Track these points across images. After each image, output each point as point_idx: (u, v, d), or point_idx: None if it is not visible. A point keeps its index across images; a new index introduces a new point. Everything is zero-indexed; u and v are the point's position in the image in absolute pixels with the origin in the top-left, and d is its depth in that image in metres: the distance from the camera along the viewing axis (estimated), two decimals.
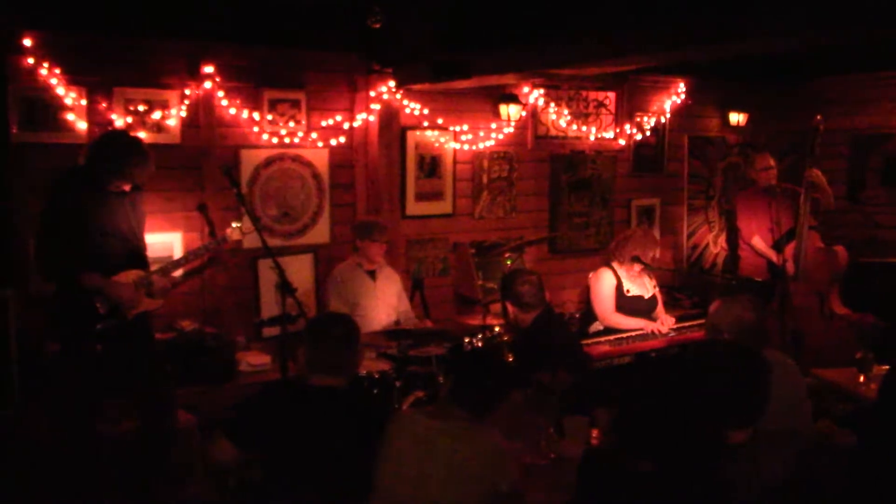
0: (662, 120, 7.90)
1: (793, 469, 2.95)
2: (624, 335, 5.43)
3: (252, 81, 5.88)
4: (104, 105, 5.29)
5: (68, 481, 4.46)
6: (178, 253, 5.57)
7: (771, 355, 3.12)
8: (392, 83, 6.25)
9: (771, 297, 6.31)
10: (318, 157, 6.24)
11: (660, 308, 5.77)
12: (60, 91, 5.12)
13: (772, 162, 6.65)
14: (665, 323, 5.57)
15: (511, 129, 7.02)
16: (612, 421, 2.94)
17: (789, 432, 2.94)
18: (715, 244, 8.55)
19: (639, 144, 7.83)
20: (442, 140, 6.74)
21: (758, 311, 3.52)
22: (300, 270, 6.14)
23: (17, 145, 5.00)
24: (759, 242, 6.62)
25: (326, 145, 6.22)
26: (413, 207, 6.69)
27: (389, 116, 6.38)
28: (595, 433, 3.38)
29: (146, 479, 4.58)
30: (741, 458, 2.41)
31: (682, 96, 7.95)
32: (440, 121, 6.67)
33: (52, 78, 5.08)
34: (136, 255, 4.56)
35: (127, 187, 4.47)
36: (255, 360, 5.56)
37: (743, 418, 2.49)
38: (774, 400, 2.56)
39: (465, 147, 6.85)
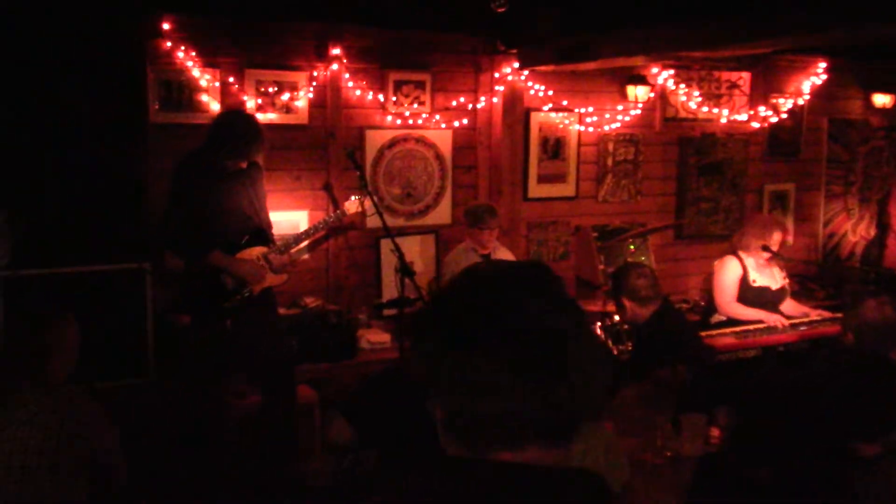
0: (800, 101, 7.52)
1: None
2: (751, 327, 5.25)
3: (378, 63, 5.94)
4: (236, 87, 5.46)
5: (198, 449, 4.67)
6: None
7: None
8: (516, 64, 6.19)
9: None
10: (442, 139, 6.26)
11: (788, 302, 5.54)
12: (196, 73, 5.30)
13: None
14: (792, 313, 5.39)
15: (638, 111, 6.84)
16: (732, 425, 2.84)
17: None
18: (854, 233, 8.11)
19: (774, 127, 7.49)
20: (566, 122, 6.64)
21: (887, 312, 3.31)
22: (422, 251, 6.20)
23: (154, 125, 5.22)
24: None
25: (450, 126, 6.23)
26: (535, 190, 6.62)
27: (513, 98, 6.33)
28: (715, 432, 3.27)
29: (270, 452, 4.74)
30: (874, 473, 2.28)
31: (823, 76, 7.55)
32: (565, 102, 6.56)
33: (188, 60, 5.27)
34: (258, 231, 4.70)
35: (244, 165, 4.60)
36: (375, 338, 5.67)
37: (870, 430, 2.35)
38: None
39: (590, 129, 6.73)
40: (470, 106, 6.26)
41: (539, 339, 1.12)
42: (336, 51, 5.68)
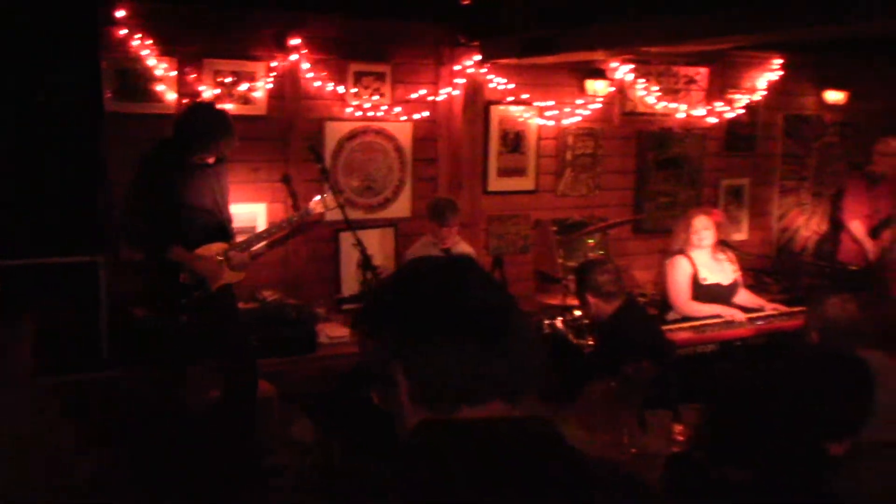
0: (756, 97, 7.62)
1: None
2: (709, 322, 5.29)
3: (338, 54, 5.87)
4: (193, 76, 5.35)
5: (153, 444, 4.58)
6: (262, 223, 5.64)
7: (870, 357, 2.97)
8: (478, 57, 6.16)
9: (866, 287, 6.07)
10: (402, 131, 6.21)
11: (742, 293, 5.59)
12: (152, 62, 5.18)
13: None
14: (747, 305, 5.46)
15: (598, 105, 6.85)
16: (699, 423, 2.85)
17: (892, 442, 2.79)
18: (807, 227, 8.24)
19: (730, 122, 7.57)
20: (526, 115, 6.64)
21: (850, 310, 3.36)
22: (381, 244, 6.15)
23: (109, 114, 5.09)
24: (857, 227, 6.37)
25: (410, 119, 6.19)
26: (495, 183, 6.61)
27: (474, 91, 6.30)
28: (679, 429, 3.30)
29: (229, 448, 4.67)
30: (843, 472, 2.29)
31: (778, 73, 7.64)
32: (525, 96, 6.56)
33: (143, 49, 5.15)
34: (220, 227, 4.62)
35: (211, 160, 4.52)
36: (334, 332, 5.60)
37: (840, 430, 2.37)
38: (877, 408, 2.43)
39: (550, 123, 6.73)
40: (431, 98, 6.22)
41: (489, 314, 1.35)
42: (296, 41, 5.59)
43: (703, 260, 5.43)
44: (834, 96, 7.97)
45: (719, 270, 5.49)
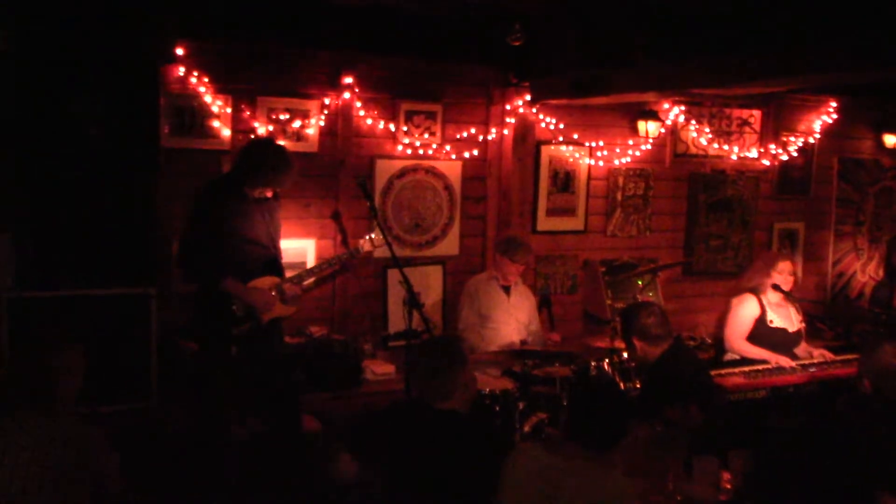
0: (811, 140, 7.52)
1: None
2: (760, 367, 5.19)
3: (390, 92, 5.94)
4: (248, 113, 5.45)
5: (197, 476, 4.60)
6: (311, 259, 5.69)
7: None
8: (528, 97, 6.19)
9: None
10: (452, 169, 6.24)
11: (803, 344, 5.50)
12: (208, 99, 5.30)
13: None
14: (802, 355, 5.34)
15: (649, 146, 6.83)
16: (746, 472, 2.78)
17: None
18: (863, 273, 8.07)
19: (784, 165, 7.48)
20: (577, 155, 6.63)
21: None
22: (429, 281, 6.17)
23: (165, 150, 5.20)
24: None
25: (460, 157, 6.22)
26: (544, 223, 6.60)
27: (524, 130, 6.32)
28: (727, 476, 3.22)
29: (272, 481, 4.68)
30: None
31: (833, 116, 7.55)
32: (576, 136, 6.56)
33: (200, 86, 5.27)
34: (272, 261, 4.68)
35: (269, 194, 4.60)
36: (380, 368, 5.61)
37: (891, 480, 2.30)
38: None
39: (601, 163, 6.71)
40: (481, 137, 6.25)
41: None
42: (348, 79, 5.68)
43: (774, 304, 5.37)
44: (892, 140, 7.83)
45: (786, 317, 5.43)
